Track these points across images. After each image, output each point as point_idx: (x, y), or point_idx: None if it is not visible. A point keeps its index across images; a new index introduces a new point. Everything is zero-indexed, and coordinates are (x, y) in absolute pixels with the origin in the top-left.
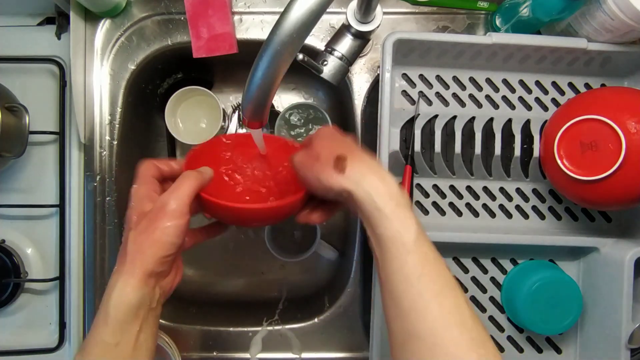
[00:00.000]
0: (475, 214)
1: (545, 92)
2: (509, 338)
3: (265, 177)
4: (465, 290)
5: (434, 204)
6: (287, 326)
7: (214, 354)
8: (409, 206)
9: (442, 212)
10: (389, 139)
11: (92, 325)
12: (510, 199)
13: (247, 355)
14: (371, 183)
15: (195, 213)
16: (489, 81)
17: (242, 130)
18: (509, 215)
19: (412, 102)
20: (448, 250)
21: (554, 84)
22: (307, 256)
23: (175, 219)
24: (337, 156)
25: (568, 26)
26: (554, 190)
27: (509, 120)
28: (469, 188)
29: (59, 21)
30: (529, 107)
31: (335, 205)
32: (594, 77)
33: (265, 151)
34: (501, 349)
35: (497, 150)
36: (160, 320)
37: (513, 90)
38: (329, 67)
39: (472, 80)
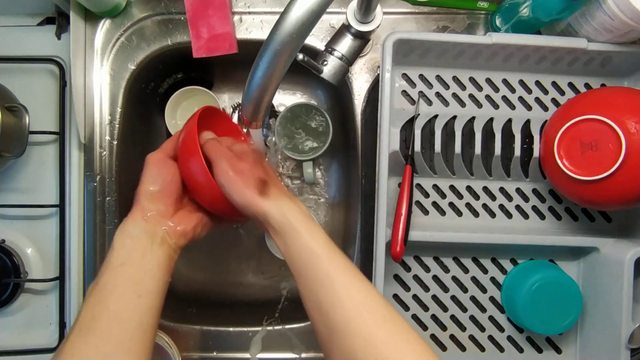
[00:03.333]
0: (475, 214)
1: (545, 92)
2: (509, 338)
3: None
4: (465, 290)
5: (434, 204)
6: (287, 326)
7: (214, 354)
8: (318, 225)
9: (442, 212)
10: (389, 139)
11: (103, 261)
12: (510, 199)
13: (247, 355)
14: (289, 207)
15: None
16: (489, 81)
17: (243, 130)
18: (509, 215)
19: (412, 102)
20: (448, 250)
21: (554, 84)
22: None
23: (152, 163)
24: (260, 179)
25: (568, 26)
26: (554, 190)
27: (509, 120)
28: (469, 188)
29: (59, 21)
30: (529, 107)
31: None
32: (594, 77)
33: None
34: (501, 349)
35: (497, 150)
36: (161, 320)
37: (513, 90)
38: (329, 67)
39: (472, 80)
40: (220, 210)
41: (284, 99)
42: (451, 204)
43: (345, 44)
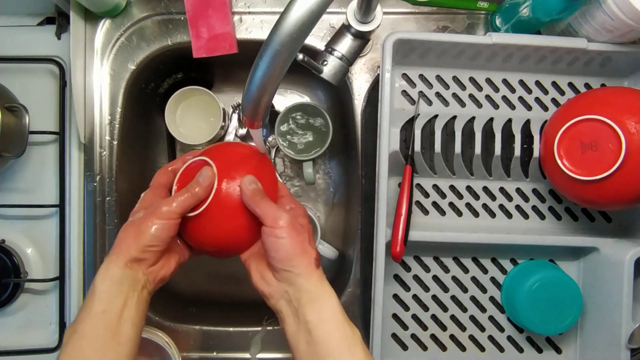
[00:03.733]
0: (475, 214)
1: (545, 92)
2: (509, 338)
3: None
4: (465, 290)
5: (434, 204)
6: None
7: (214, 354)
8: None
9: (442, 212)
10: (389, 139)
11: (82, 303)
12: (510, 199)
13: (247, 355)
14: (331, 289)
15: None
16: (489, 81)
17: (243, 131)
18: (509, 215)
19: (412, 102)
20: (448, 250)
21: (554, 84)
22: None
23: (163, 219)
24: (317, 251)
25: (568, 26)
26: (554, 190)
27: (509, 120)
28: (469, 188)
29: (59, 21)
30: (529, 107)
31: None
32: (594, 77)
33: (265, 149)
34: (501, 349)
35: (497, 150)
36: (160, 320)
37: (513, 90)
38: (329, 67)
39: (472, 80)
40: (226, 253)
41: (284, 99)
42: (451, 204)
43: (345, 44)
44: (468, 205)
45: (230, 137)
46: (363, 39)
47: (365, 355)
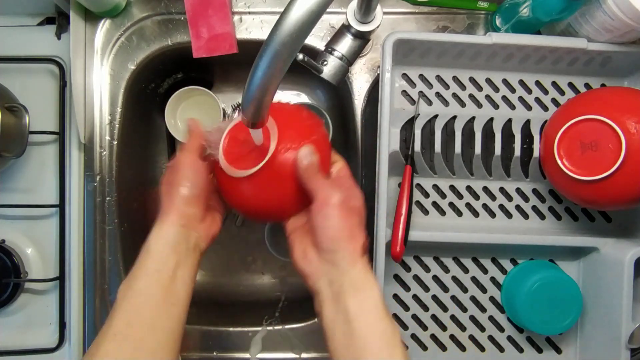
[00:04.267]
0: (475, 214)
1: (545, 92)
2: (509, 338)
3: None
4: (465, 290)
5: (434, 204)
6: (287, 326)
7: (214, 354)
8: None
9: (442, 212)
10: (389, 139)
11: (135, 263)
12: (510, 199)
13: (247, 355)
14: (375, 280)
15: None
16: (489, 81)
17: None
18: (509, 215)
19: (412, 102)
20: (448, 250)
21: (554, 84)
22: None
23: (188, 165)
24: (364, 244)
25: (568, 26)
26: (554, 190)
27: (509, 120)
28: (469, 188)
29: (59, 21)
30: (529, 107)
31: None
32: (594, 77)
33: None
34: (501, 349)
35: (497, 150)
36: None
37: (513, 90)
38: (329, 67)
39: (472, 80)
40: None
41: (284, 99)
42: (451, 204)
43: (345, 44)
44: (468, 205)
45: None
46: (363, 39)
47: (403, 356)
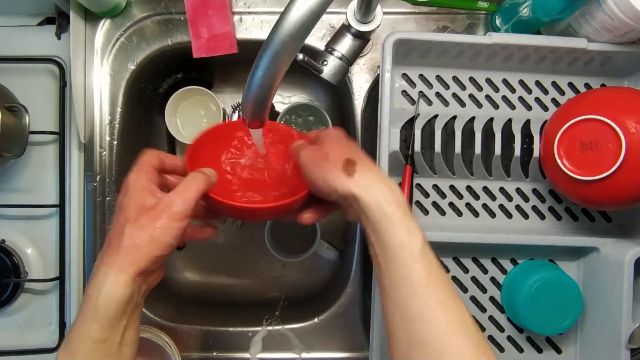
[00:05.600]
0: (475, 214)
1: (545, 92)
2: (509, 338)
3: (269, 168)
4: (465, 290)
5: (434, 204)
6: (287, 326)
7: (214, 354)
8: (413, 216)
9: (442, 212)
10: (389, 139)
11: (76, 320)
12: (510, 199)
13: (247, 355)
14: (380, 190)
15: (197, 217)
16: (489, 81)
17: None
18: (509, 215)
19: (412, 102)
20: (448, 250)
21: (554, 84)
22: (307, 256)
23: (179, 221)
24: (347, 159)
25: (568, 26)
26: (554, 190)
27: (509, 120)
28: (469, 188)
29: (59, 21)
30: (529, 107)
31: (330, 207)
32: (594, 77)
33: (265, 150)
34: (501, 349)
35: (497, 150)
36: (161, 320)
37: (513, 90)
38: (329, 67)
39: (472, 80)
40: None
41: (284, 99)
42: (451, 204)
43: (345, 44)
44: (468, 205)
45: None
46: (363, 39)
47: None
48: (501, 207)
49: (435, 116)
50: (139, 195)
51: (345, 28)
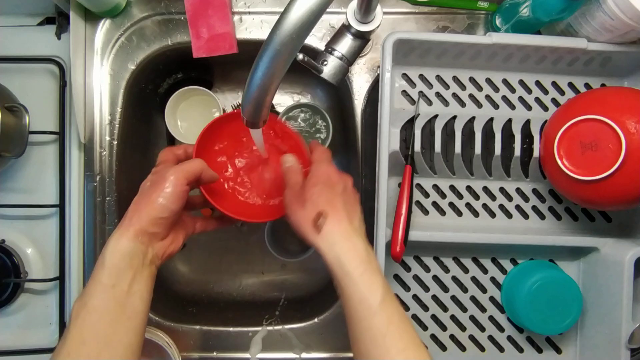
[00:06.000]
0: (475, 214)
1: (545, 92)
2: (509, 338)
3: (269, 170)
4: (465, 290)
5: (434, 204)
6: (287, 326)
7: (214, 354)
8: (377, 269)
9: (442, 212)
10: (389, 139)
11: (90, 277)
12: (510, 199)
13: (247, 355)
14: (343, 247)
15: (194, 206)
16: (489, 81)
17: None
18: (509, 215)
19: (412, 102)
20: (448, 250)
21: (554, 84)
22: (307, 256)
23: (172, 186)
24: (319, 212)
25: (568, 26)
26: (554, 190)
27: (509, 120)
28: (469, 188)
29: (59, 21)
30: (529, 107)
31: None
32: (594, 77)
33: (265, 152)
34: (501, 349)
35: (497, 150)
36: (160, 320)
37: (513, 90)
38: (329, 67)
39: (472, 80)
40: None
41: (284, 99)
42: (451, 204)
43: (345, 44)
44: (468, 205)
45: None
46: (363, 39)
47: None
48: (501, 207)
49: (435, 116)
50: (154, 177)
51: (345, 28)
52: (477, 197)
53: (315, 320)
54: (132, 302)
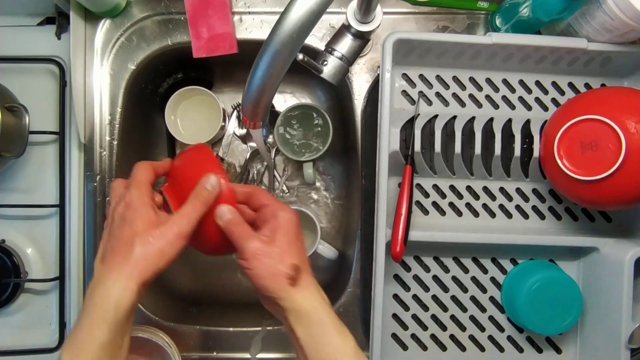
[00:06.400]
0: (475, 214)
1: (545, 92)
2: (509, 338)
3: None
4: (465, 290)
5: (434, 204)
6: None
7: (214, 354)
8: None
9: (442, 212)
10: (389, 139)
11: (80, 322)
12: (510, 199)
13: (247, 355)
14: (317, 297)
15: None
16: (489, 81)
17: (243, 131)
18: (509, 215)
19: (412, 102)
20: (448, 250)
21: (554, 84)
22: (307, 256)
23: (184, 238)
24: (295, 266)
25: (568, 26)
26: (554, 190)
27: (509, 120)
28: (469, 188)
29: (59, 21)
30: (529, 107)
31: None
32: (594, 77)
33: (268, 154)
34: (501, 349)
35: (497, 150)
36: (160, 320)
37: (513, 90)
38: (329, 67)
39: (472, 80)
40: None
41: (284, 99)
42: (451, 204)
43: (345, 44)
44: (468, 205)
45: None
46: (363, 39)
47: None
48: (501, 207)
49: (435, 116)
50: (145, 211)
51: (345, 28)
52: (477, 197)
53: None
54: (121, 355)
